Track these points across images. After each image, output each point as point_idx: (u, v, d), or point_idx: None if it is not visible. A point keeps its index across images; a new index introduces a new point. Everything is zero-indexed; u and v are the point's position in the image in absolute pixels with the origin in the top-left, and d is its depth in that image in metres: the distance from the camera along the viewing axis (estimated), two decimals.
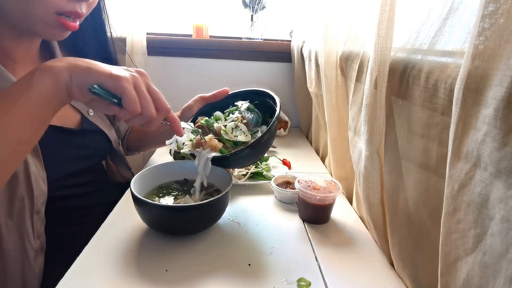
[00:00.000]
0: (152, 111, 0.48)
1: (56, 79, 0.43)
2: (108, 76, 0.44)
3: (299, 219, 0.72)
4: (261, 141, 0.61)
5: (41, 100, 0.43)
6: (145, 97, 0.47)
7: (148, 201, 0.58)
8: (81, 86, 0.44)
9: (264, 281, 0.53)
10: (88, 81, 0.44)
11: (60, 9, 0.53)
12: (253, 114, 0.71)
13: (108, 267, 0.54)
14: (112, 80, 0.44)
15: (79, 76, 0.44)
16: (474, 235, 0.33)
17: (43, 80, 0.43)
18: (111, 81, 0.44)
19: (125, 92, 0.45)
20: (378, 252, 0.62)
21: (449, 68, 0.39)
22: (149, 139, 0.91)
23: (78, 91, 0.45)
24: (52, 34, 0.57)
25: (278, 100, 0.68)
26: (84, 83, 0.44)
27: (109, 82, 0.44)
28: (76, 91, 0.45)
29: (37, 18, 0.53)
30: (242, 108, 0.71)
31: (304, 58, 1.16)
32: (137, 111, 0.46)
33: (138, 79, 0.47)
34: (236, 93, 0.76)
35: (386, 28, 0.49)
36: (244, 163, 0.73)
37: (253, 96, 0.74)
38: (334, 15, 0.79)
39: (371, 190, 0.60)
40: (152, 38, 1.33)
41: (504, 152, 0.28)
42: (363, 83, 0.61)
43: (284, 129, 1.34)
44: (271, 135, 0.66)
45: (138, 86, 0.46)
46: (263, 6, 1.40)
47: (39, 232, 0.60)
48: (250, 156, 0.65)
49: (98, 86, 0.44)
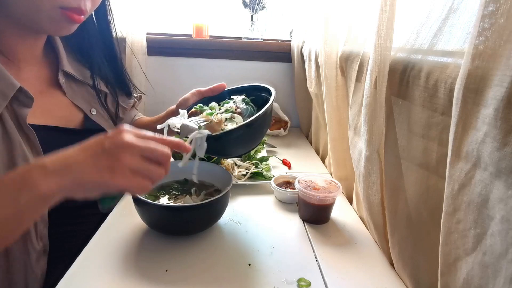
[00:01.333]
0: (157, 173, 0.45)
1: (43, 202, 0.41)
2: (100, 188, 0.42)
3: (299, 219, 0.72)
4: (256, 122, 0.58)
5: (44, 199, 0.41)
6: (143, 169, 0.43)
7: (148, 201, 0.58)
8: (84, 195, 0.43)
9: (264, 281, 0.53)
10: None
11: (65, 4, 0.54)
12: (247, 106, 0.70)
13: (108, 267, 0.54)
14: (108, 189, 0.42)
15: (75, 193, 0.42)
16: (474, 235, 0.33)
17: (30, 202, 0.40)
18: (108, 189, 0.42)
19: (125, 188, 0.43)
20: (378, 252, 0.62)
21: (449, 68, 0.39)
22: None
23: (83, 196, 0.43)
24: (59, 29, 0.57)
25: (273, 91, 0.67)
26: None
27: (107, 190, 0.42)
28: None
29: (43, 14, 0.53)
30: (237, 100, 0.70)
31: (304, 58, 1.16)
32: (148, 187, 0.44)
33: (123, 163, 0.42)
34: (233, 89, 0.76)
35: (386, 28, 0.49)
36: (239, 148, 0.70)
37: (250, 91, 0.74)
38: (334, 15, 0.79)
39: (371, 190, 0.60)
40: (152, 38, 1.33)
41: (504, 152, 0.28)
42: (363, 83, 0.61)
43: (284, 129, 1.34)
44: (266, 118, 0.64)
45: (131, 165, 0.42)
46: (263, 6, 1.40)
47: (42, 234, 0.59)
48: (244, 138, 0.62)
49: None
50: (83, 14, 0.58)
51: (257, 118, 0.59)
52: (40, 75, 0.66)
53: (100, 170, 0.41)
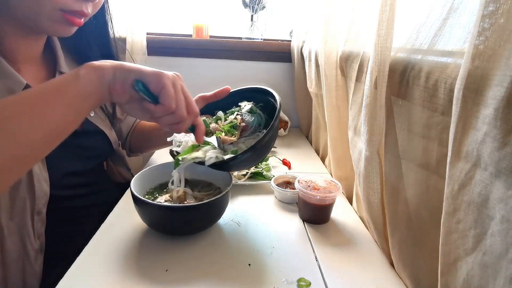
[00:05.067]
0: (184, 111, 0.49)
1: (101, 75, 0.46)
2: (151, 72, 0.47)
3: (299, 219, 0.72)
4: (262, 143, 0.58)
5: (82, 93, 0.45)
6: (180, 97, 0.49)
7: (148, 201, 0.58)
8: (124, 82, 0.47)
9: (264, 281, 0.53)
10: (131, 77, 0.47)
11: (66, 7, 0.54)
12: (254, 116, 0.68)
13: (108, 267, 0.54)
14: (154, 76, 0.47)
15: (122, 74, 0.47)
16: (474, 235, 0.33)
17: (89, 75, 0.45)
18: (153, 77, 0.47)
19: (165, 87, 0.47)
20: (378, 252, 0.62)
21: (449, 68, 0.39)
22: (151, 140, 0.91)
23: (120, 87, 0.47)
24: (59, 30, 0.58)
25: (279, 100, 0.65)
26: (127, 79, 0.47)
27: (151, 78, 0.47)
28: (118, 87, 0.47)
29: (44, 15, 0.54)
30: (244, 109, 0.69)
31: (304, 58, 1.16)
32: (173, 108, 0.48)
33: (176, 79, 0.49)
34: (238, 91, 0.75)
35: (386, 28, 0.49)
36: (245, 166, 0.71)
37: (256, 94, 0.72)
38: (334, 15, 0.79)
39: (371, 190, 0.59)
40: (152, 38, 1.33)
41: (504, 152, 0.28)
42: (363, 83, 0.61)
43: (284, 129, 1.34)
44: (272, 137, 0.63)
45: (175, 85, 0.49)
46: (263, 6, 1.40)
47: (39, 233, 0.60)
48: (250, 160, 0.63)
49: (141, 83, 0.47)
50: (85, 16, 0.58)
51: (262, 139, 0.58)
52: (38, 76, 0.66)
53: (153, 68, 0.48)
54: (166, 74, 0.48)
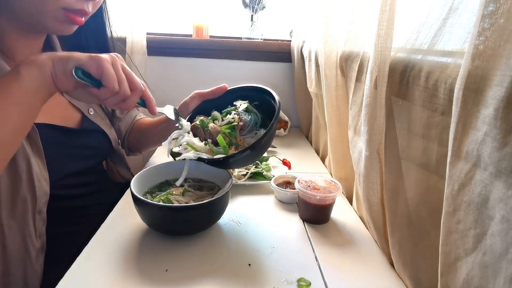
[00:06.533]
0: (127, 89, 0.51)
1: (41, 69, 0.47)
2: (88, 58, 0.48)
3: (299, 219, 0.72)
4: (260, 143, 0.60)
5: (29, 89, 0.46)
6: (122, 76, 0.50)
7: (148, 201, 0.58)
8: (65, 71, 0.47)
9: (264, 281, 0.53)
10: (70, 65, 0.47)
11: (68, 6, 0.55)
12: (251, 115, 0.69)
13: (108, 267, 0.54)
14: (93, 61, 0.48)
15: (61, 63, 0.47)
16: (474, 235, 0.33)
17: (30, 71, 0.46)
18: (92, 62, 0.47)
19: (105, 70, 0.48)
20: (378, 252, 0.62)
21: (449, 68, 0.39)
22: (148, 137, 0.91)
23: (63, 77, 0.48)
24: (60, 29, 0.59)
25: (278, 100, 0.66)
26: (67, 68, 0.48)
27: (89, 63, 0.47)
28: (61, 77, 0.48)
29: (48, 14, 0.55)
30: (240, 108, 0.70)
31: (304, 58, 1.16)
32: (116, 89, 0.49)
33: (115, 59, 0.51)
34: (235, 89, 0.75)
35: (386, 28, 0.49)
36: (243, 164, 0.72)
37: (253, 93, 0.72)
38: (334, 15, 0.79)
39: (371, 190, 0.60)
40: (152, 38, 1.33)
41: (504, 152, 0.28)
42: (363, 83, 0.61)
43: (284, 129, 1.34)
44: (270, 137, 0.65)
45: (115, 66, 0.50)
46: (263, 6, 1.40)
47: (40, 232, 0.60)
48: (248, 158, 0.65)
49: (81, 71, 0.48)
50: (86, 15, 0.59)
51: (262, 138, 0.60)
52: None
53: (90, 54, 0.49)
54: (104, 57, 0.49)
